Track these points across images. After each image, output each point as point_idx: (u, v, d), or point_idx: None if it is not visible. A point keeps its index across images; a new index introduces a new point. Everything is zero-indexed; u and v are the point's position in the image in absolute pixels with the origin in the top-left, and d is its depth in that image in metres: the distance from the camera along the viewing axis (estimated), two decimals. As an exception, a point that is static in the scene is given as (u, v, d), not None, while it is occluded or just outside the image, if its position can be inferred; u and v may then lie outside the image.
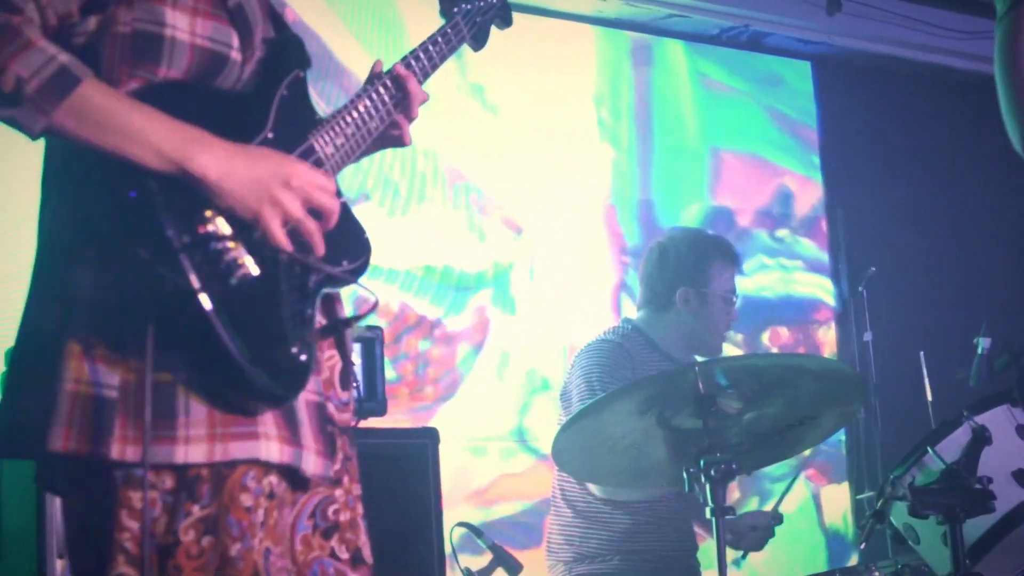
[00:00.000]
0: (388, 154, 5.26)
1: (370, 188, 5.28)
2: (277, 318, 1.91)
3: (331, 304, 2.11)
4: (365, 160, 2.37)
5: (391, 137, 2.32)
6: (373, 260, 2.12)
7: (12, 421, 1.89)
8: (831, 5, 6.41)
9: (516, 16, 6.11)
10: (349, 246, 2.09)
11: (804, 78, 6.90)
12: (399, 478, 3.62)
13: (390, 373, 4.57)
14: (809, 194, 6.75)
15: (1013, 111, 2.30)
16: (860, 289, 5.72)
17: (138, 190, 1.83)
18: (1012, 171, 2.76)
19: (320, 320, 2.04)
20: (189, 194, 1.84)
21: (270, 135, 2.00)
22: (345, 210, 2.09)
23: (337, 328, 2.07)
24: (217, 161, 1.85)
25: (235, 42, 2.00)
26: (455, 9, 2.54)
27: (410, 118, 2.32)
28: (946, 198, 6.93)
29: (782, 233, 6.61)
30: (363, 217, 2.16)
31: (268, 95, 2.04)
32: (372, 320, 4.94)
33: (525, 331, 5.66)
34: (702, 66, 6.51)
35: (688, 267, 4.15)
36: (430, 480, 3.69)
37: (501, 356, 5.58)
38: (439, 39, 2.43)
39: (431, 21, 2.54)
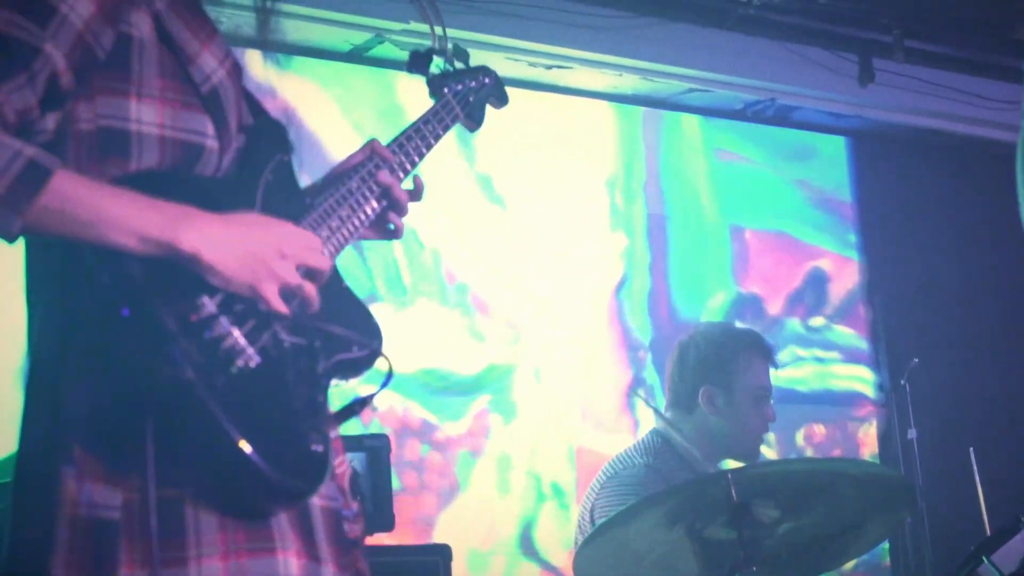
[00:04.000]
0: (398, 250, 5.39)
1: (380, 287, 5.39)
2: (287, 408, 1.93)
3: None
4: (373, 259, 2.43)
5: (386, 229, 2.40)
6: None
7: (16, 555, 1.90)
8: (863, 75, 6.53)
9: (527, 93, 6.25)
10: (358, 330, 2.13)
11: (837, 149, 7.00)
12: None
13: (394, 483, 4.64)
14: (845, 277, 6.82)
15: None
16: (902, 382, 5.72)
17: (129, 303, 1.84)
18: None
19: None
20: (177, 278, 1.86)
21: None
22: (349, 294, 2.17)
23: (353, 410, 2.10)
24: (207, 238, 1.87)
25: (210, 130, 2.03)
26: (445, 89, 2.62)
27: (402, 215, 2.39)
28: (995, 281, 6.96)
29: (816, 321, 6.67)
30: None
31: (253, 180, 2.08)
32: (376, 427, 5.01)
33: (528, 435, 5.72)
34: (719, 138, 6.61)
35: (710, 364, 4.14)
36: (442, 599, 3.72)
37: (502, 462, 5.64)
38: (431, 120, 2.52)
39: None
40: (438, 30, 5.86)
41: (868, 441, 6.67)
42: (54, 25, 1.87)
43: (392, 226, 2.39)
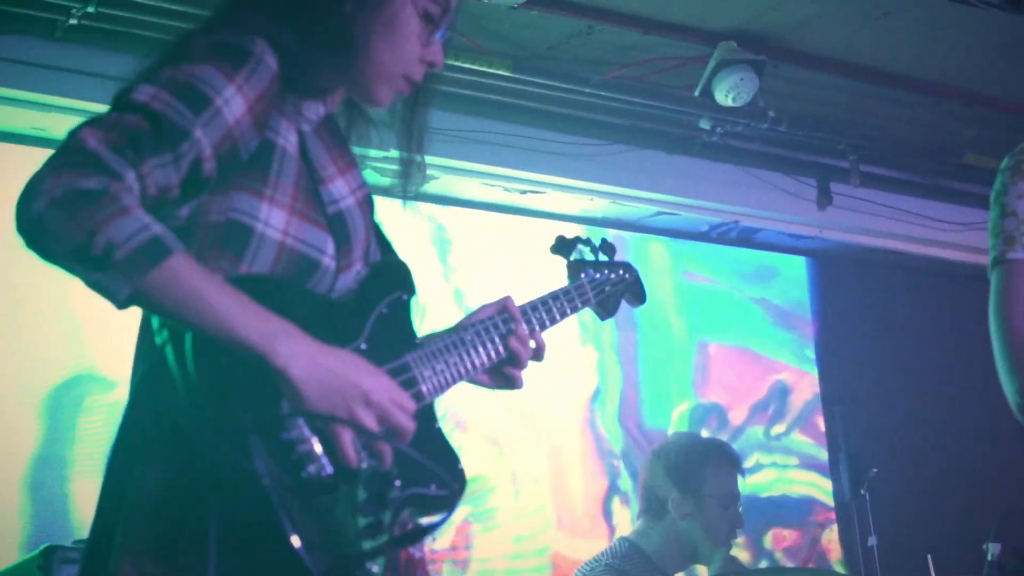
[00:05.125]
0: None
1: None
2: (351, 524, 1.91)
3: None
4: None
5: (503, 378, 2.49)
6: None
7: None
8: (821, 199, 6.66)
9: (501, 216, 6.32)
10: (440, 472, 2.15)
11: (797, 269, 7.13)
12: None
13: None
14: (804, 389, 6.93)
15: (1009, 370, 2.50)
16: (862, 491, 5.82)
17: (214, 393, 1.85)
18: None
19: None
20: (266, 379, 1.87)
21: (363, 346, 2.07)
22: (440, 436, 2.19)
23: (412, 538, 2.07)
24: (299, 358, 1.87)
25: (330, 249, 2.08)
26: (583, 274, 2.73)
27: (519, 369, 2.49)
28: (950, 394, 7.04)
29: (778, 429, 6.77)
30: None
31: (367, 309, 2.12)
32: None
33: (508, 543, 5.79)
34: (685, 260, 6.74)
35: (680, 472, 4.24)
36: None
37: (483, 572, 5.72)
38: (561, 297, 2.61)
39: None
40: (417, 157, 5.97)
41: (834, 547, 6.73)
42: (207, 115, 1.95)
43: (510, 374, 2.49)
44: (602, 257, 2.81)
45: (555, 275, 6.58)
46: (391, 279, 2.22)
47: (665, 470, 4.29)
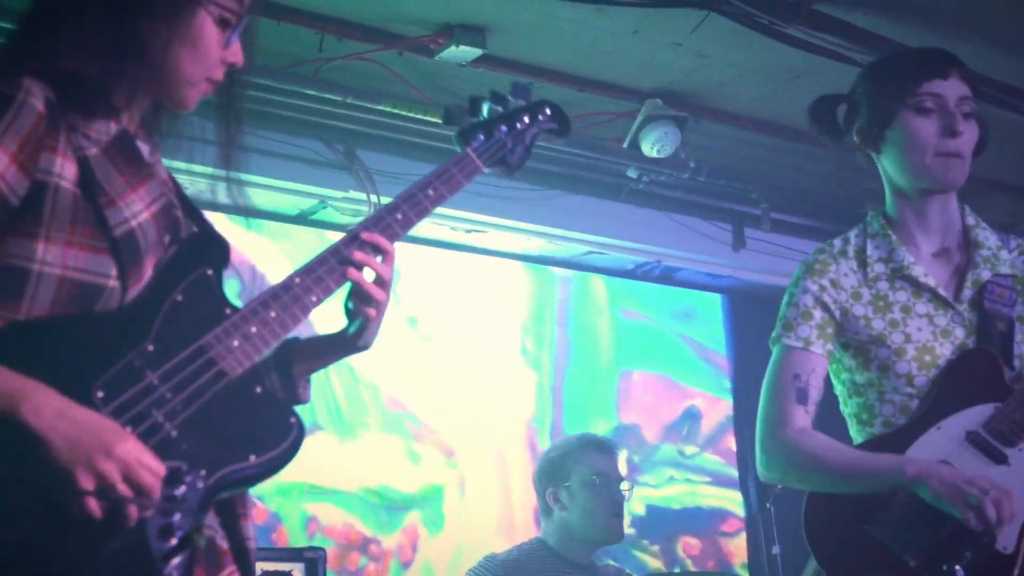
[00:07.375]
0: (336, 385, 5.69)
1: (320, 419, 5.66)
2: (138, 538, 1.84)
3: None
4: (315, 392, 2.32)
5: (349, 341, 2.27)
6: (320, 481, 2.03)
7: None
8: (736, 242, 6.87)
9: (448, 252, 6.47)
10: (262, 437, 2.00)
11: (716, 309, 7.35)
12: None
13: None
14: (716, 413, 7.11)
15: (763, 446, 2.64)
16: (768, 505, 6.06)
17: None
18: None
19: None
20: (16, 436, 1.79)
21: (150, 347, 1.95)
22: (264, 399, 2.05)
23: (189, 541, 1.92)
24: (44, 415, 1.79)
25: (113, 271, 1.97)
26: (470, 145, 2.36)
27: (367, 302, 2.22)
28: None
29: (690, 449, 6.95)
30: (316, 445, 2.12)
31: (157, 304, 2.00)
32: (320, 540, 5.26)
33: (452, 546, 5.97)
34: (622, 298, 6.95)
35: (548, 469, 4.45)
36: None
37: (426, 570, 5.91)
38: (432, 181, 2.29)
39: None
40: (373, 198, 6.12)
41: (739, 553, 6.92)
42: None
43: (357, 323, 2.24)
44: (513, 105, 2.43)
45: (504, 305, 6.73)
46: (195, 257, 2.07)
47: (538, 472, 4.50)
